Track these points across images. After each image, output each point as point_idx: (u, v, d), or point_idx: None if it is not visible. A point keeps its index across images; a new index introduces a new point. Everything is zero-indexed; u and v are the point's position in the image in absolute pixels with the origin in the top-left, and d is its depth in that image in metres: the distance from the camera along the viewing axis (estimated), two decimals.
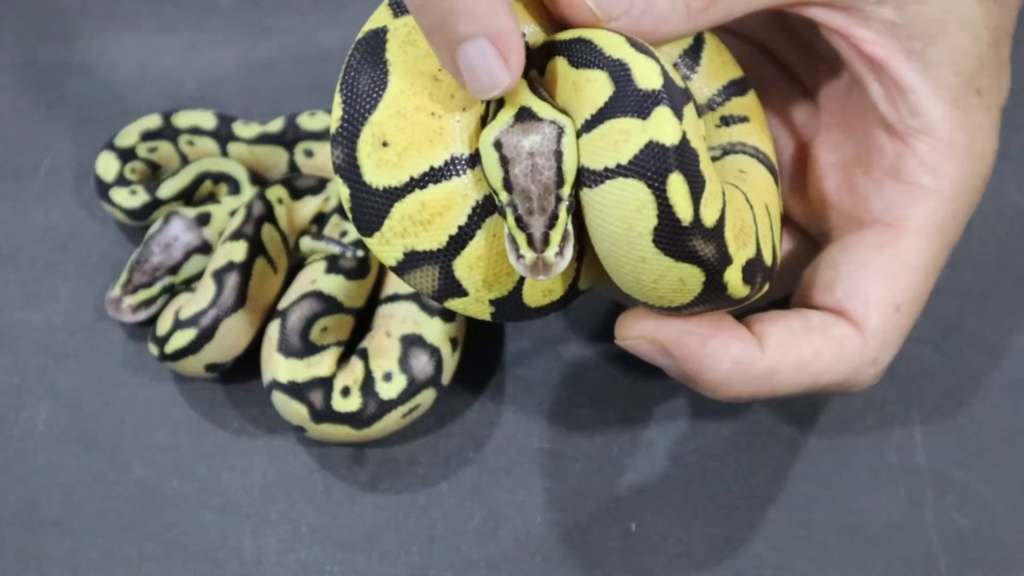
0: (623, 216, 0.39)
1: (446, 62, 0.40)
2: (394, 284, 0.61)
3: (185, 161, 0.67)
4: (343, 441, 0.59)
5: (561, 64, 0.41)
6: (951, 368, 0.62)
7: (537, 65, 0.43)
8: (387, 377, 0.58)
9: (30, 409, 0.61)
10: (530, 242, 0.39)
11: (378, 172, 0.42)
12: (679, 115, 0.39)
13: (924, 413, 0.61)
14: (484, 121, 0.42)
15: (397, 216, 0.42)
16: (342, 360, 0.59)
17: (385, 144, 0.42)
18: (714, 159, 0.48)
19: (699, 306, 0.43)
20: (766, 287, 0.45)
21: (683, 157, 0.39)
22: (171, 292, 0.62)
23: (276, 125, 0.66)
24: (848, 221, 0.49)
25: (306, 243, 0.63)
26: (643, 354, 0.45)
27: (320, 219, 0.64)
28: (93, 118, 0.69)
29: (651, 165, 0.39)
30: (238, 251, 0.60)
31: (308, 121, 0.66)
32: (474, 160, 0.42)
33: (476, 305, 0.44)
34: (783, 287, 0.51)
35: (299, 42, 0.73)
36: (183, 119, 0.66)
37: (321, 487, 0.59)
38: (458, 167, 0.42)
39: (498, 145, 0.40)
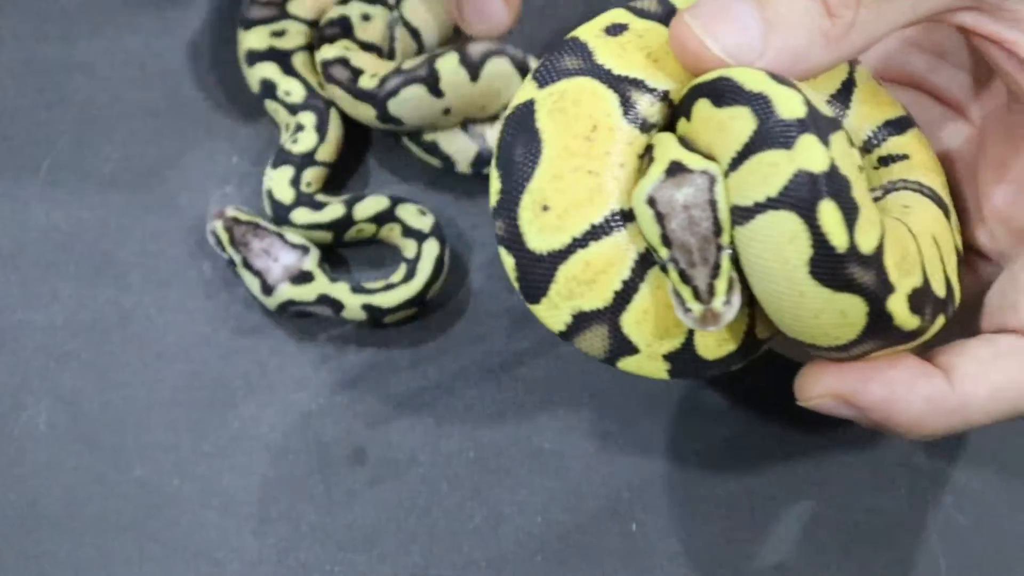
0: (777, 249, 0.39)
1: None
2: None
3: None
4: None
5: (705, 106, 0.41)
6: None
7: (684, 112, 0.43)
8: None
9: (30, 409, 0.61)
10: (696, 295, 0.40)
11: (541, 237, 0.42)
12: (825, 142, 0.39)
13: None
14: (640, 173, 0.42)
15: (562, 279, 0.42)
16: None
17: (546, 208, 0.42)
18: (876, 200, 0.47)
19: (868, 342, 0.42)
20: (940, 320, 0.43)
21: (833, 183, 0.38)
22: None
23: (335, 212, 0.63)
24: None
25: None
26: (829, 411, 0.44)
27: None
28: (93, 118, 0.69)
29: (800, 194, 0.38)
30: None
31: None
32: (632, 213, 0.42)
33: (650, 363, 0.44)
34: (975, 326, 0.48)
35: None
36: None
37: (321, 487, 0.59)
38: (617, 221, 0.42)
39: (652, 202, 0.40)
